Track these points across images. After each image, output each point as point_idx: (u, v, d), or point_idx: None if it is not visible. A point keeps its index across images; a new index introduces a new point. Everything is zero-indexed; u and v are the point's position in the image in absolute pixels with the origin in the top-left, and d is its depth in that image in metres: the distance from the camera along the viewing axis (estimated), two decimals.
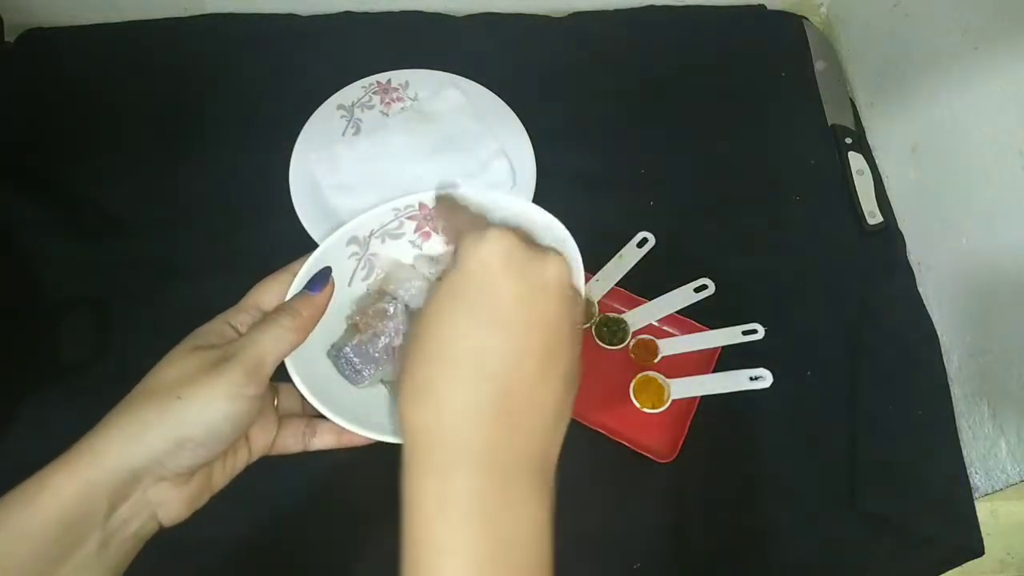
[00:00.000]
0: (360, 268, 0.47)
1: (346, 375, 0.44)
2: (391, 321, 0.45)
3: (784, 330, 0.73)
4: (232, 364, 0.35)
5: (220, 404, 0.35)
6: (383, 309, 0.45)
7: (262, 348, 0.36)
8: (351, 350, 0.44)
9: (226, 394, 0.35)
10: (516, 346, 0.33)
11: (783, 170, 0.84)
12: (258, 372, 0.36)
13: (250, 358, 0.36)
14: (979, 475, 0.69)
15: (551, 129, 0.81)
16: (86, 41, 0.85)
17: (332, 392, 0.42)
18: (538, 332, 0.34)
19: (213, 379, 0.35)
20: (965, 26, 0.70)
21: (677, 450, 0.66)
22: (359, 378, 0.44)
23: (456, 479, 0.32)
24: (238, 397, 0.35)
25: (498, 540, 0.32)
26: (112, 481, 0.34)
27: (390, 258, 0.47)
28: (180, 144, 0.79)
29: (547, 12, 0.92)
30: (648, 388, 0.70)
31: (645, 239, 0.76)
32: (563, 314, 0.35)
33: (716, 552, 0.65)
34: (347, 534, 0.62)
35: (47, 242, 0.73)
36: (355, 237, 0.46)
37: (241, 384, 0.35)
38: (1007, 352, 0.67)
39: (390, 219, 0.46)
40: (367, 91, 0.82)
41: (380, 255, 0.47)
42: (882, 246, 0.80)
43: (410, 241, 0.48)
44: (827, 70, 0.91)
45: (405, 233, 0.47)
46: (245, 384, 0.35)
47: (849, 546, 0.66)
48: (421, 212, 0.47)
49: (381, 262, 0.47)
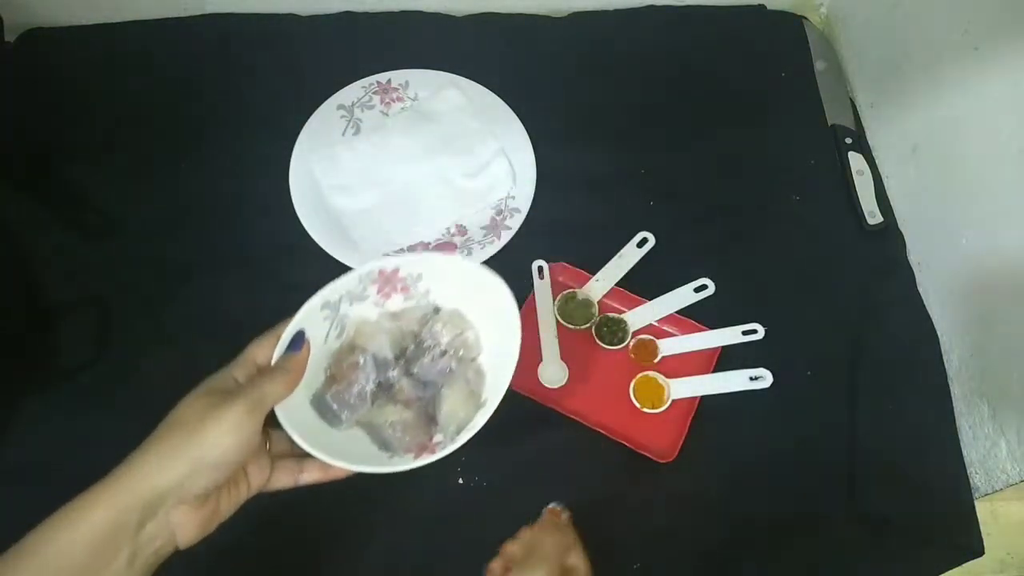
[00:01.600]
0: (333, 328, 0.54)
1: (327, 419, 0.51)
2: (362, 371, 0.52)
3: (784, 330, 0.73)
4: (238, 402, 0.43)
5: (228, 434, 0.42)
6: (355, 362, 0.52)
7: (262, 392, 0.44)
8: (330, 398, 0.51)
9: (233, 425, 0.42)
10: None
11: (783, 170, 0.84)
12: (258, 410, 0.44)
13: (252, 399, 0.43)
14: (979, 475, 0.69)
15: (551, 129, 0.81)
16: (86, 41, 0.85)
17: (317, 434, 0.49)
18: None
19: (223, 413, 0.42)
20: (965, 26, 0.70)
21: (677, 450, 0.66)
22: (338, 421, 0.51)
23: None
24: (242, 428, 0.42)
25: None
26: (143, 500, 0.40)
27: (358, 317, 0.54)
28: (180, 144, 0.79)
29: (547, 12, 0.92)
30: (648, 388, 0.70)
31: (645, 239, 0.76)
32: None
33: (716, 552, 0.65)
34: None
35: (47, 242, 0.73)
36: (327, 302, 0.53)
37: (244, 418, 0.43)
38: (1007, 352, 0.67)
39: (355, 284, 0.54)
40: (367, 91, 0.82)
41: (350, 315, 0.54)
42: (882, 246, 0.80)
43: (374, 302, 0.55)
44: (827, 70, 0.91)
45: (369, 295, 0.55)
46: (248, 418, 0.43)
47: (849, 546, 0.66)
48: (381, 277, 0.54)
49: (351, 321, 0.54)
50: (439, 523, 0.63)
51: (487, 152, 0.80)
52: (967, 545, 0.66)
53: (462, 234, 0.77)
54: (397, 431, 0.52)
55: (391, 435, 0.51)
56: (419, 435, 0.52)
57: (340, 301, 0.54)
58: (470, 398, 0.53)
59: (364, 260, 0.71)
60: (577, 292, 0.74)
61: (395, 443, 0.51)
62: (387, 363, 0.54)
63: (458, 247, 0.75)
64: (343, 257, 0.72)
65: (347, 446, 0.51)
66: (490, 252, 0.74)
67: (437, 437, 0.52)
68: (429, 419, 0.53)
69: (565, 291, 0.74)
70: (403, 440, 0.51)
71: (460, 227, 0.77)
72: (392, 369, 0.54)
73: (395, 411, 0.52)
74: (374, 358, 0.53)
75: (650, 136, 0.84)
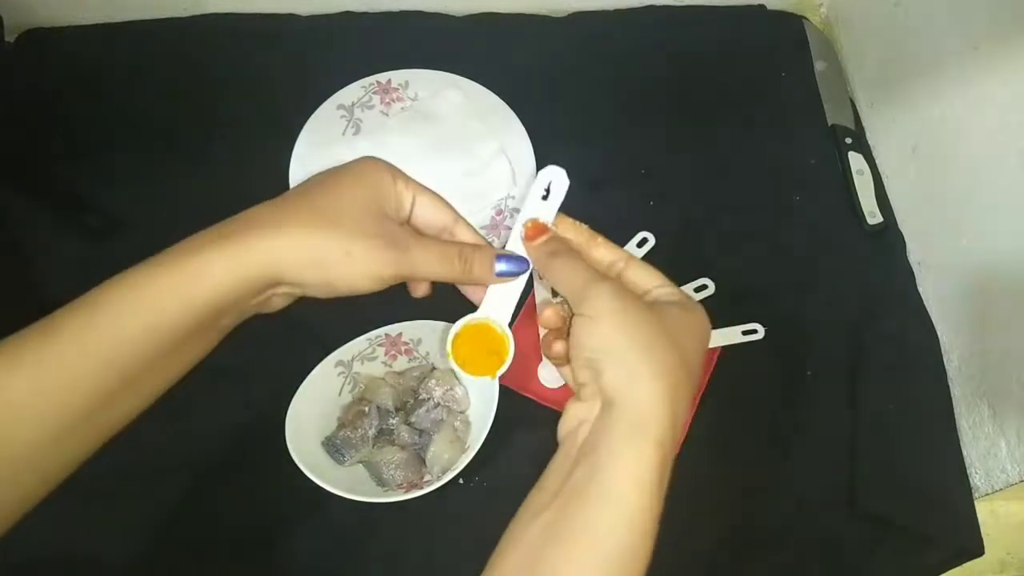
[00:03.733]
0: (346, 383, 0.65)
1: (335, 458, 0.61)
2: (367, 419, 0.62)
3: (784, 330, 0.73)
4: (394, 261, 0.40)
5: (367, 281, 0.40)
6: (362, 411, 0.63)
7: (423, 267, 0.42)
8: (339, 440, 0.61)
9: (378, 278, 0.40)
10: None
11: (783, 170, 0.84)
12: (402, 276, 0.41)
13: (407, 267, 0.41)
14: (979, 475, 0.69)
15: (551, 129, 0.81)
16: (86, 41, 0.85)
17: (324, 469, 0.59)
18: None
19: (379, 259, 0.40)
20: (966, 26, 0.70)
21: (677, 450, 0.66)
22: (343, 460, 0.61)
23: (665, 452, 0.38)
24: (377, 283, 0.40)
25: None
26: (262, 279, 0.38)
27: (368, 374, 0.66)
28: (180, 144, 0.79)
29: (547, 12, 0.92)
30: None
31: (645, 239, 0.76)
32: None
33: (716, 552, 0.65)
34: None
35: (47, 242, 0.73)
36: (341, 361, 0.64)
37: (387, 279, 0.41)
38: (1007, 352, 0.67)
39: (366, 346, 0.65)
40: (367, 91, 0.82)
41: (361, 372, 0.65)
42: (882, 246, 0.80)
43: (382, 362, 0.66)
44: (827, 70, 0.91)
45: (378, 356, 0.66)
46: (390, 280, 0.41)
47: (849, 546, 0.66)
48: (387, 340, 0.66)
49: (361, 378, 0.65)
50: (439, 523, 0.64)
51: (487, 152, 0.80)
52: (967, 545, 0.66)
53: None
54: (392, 469, 0.61)
55: (388, 473, 0.61)
56: (411, 474, 0.61)
57: (352, 360, 0.65)
58: (456, 443, 0.62)
59: None
60: None
61: (390, 480, 0.61)
62: (389, 413, 0.64)
63: None
64: None
65: (349, 480, 0.60)
66: None
67: (427, 476, 0.61)
68: (421, 461, 0.62)
69: None
70: (397, 476, 0.61)
71: None
72: (393, 418, 0.64)
73: (392, 452, 0.61)
74: (378, 408, 0.63)
75: (650, 136, 0.84)
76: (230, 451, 0.66)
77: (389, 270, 0.40)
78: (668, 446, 0.38)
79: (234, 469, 0.65)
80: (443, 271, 0.43)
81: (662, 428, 0.38)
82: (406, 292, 0.72)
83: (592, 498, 0.37)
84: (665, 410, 0.38)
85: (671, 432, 0.38)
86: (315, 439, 0.62)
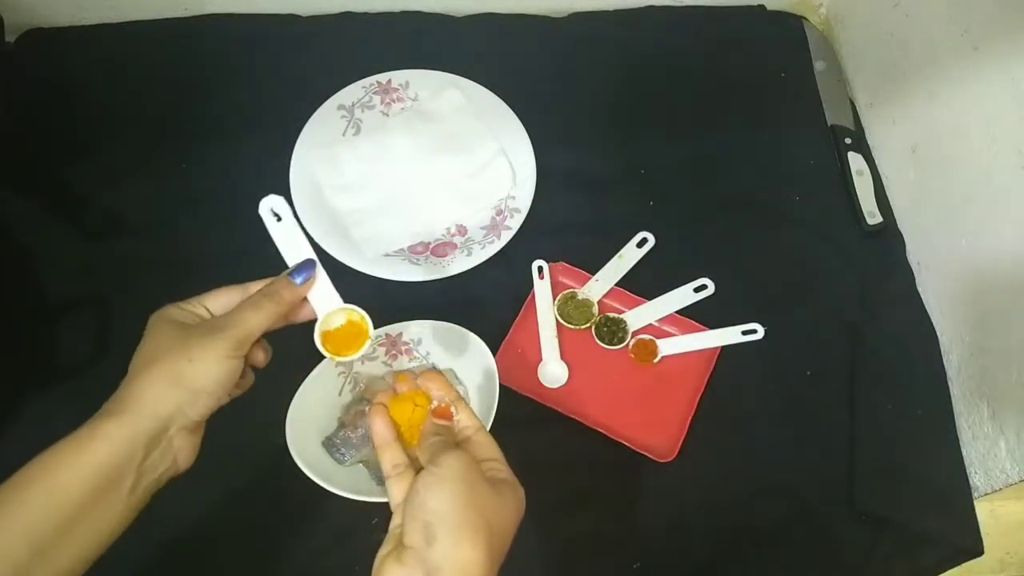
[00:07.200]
0: (348, 382, 0.65)
1: (335, 458, 0.61)
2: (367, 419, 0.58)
3: (784, 330, 0.73)
4: (226, 335, 0.45)
5: (222, 364, 0.44)
6: (361, 410, 0.62)
7: (250, 324, 0.46)
8: (339, 440, 0.61)
9: (225, 355, 0.44)
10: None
11: (783, 170, 0.84)
12: (246, 342, 0.46)
13: (240, 331, 0.45)
14: (979, 475, 0.69)
15: (551, 129, 0.81)
16: (86, 41, 0.85)
17: (325, 469, 0.59)
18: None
19: (212, 343, 0.44)
20: (965, 26, 0.70)
21: (677, 450, 0.66)
22: (343, 459, 0.61)
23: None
24: (233, 358, 0.45)
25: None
26: (148, 431, 0.42)
27: (368, 374, 0.66)
28: (180, 144, 0.79)
29: (547, 12, 0.92)
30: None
31: (645, 239, 0.76)
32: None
33: (716, 552, 0.65)
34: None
35: (47, 242, 0.73)
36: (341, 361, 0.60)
37: (234, 349, 0.45)
38: (1007, 352, 0.67)
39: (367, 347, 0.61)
40: (367, 91, 0.82)
41: (361, 372, 0.65)
42: (882, 246, 0.80)
43: (383, 361, 0.66)
44: (827, 70, 0.91)
45: (378, 356, 0.66)
46: (237, 349, 0.45)
47: (849, 546, 0.66)
48: (388, 340, 0.66)
49: (362, 377, 0.65)
50: None
51: (487, 152, 0.80)
52: (966, 545, 0.66)
53: (462, 234, 0.77)
54: None
55: None
56: None
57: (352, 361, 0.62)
58: None
59: (364, 260, 0.72)
60: (577, 292, 0.74)
61: None
62: None
63: (458, 247, 0.75)
64: (343, 257, 0.72)
65: (349, 480, 0.60)
66: (490, 252, 0.74)
67: None
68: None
69: (565, 291, 0.74)
70: None
71: (460, 227, 0.77)
72: None
73: None
74: None
75: (650, 136, 0.84)
76: (230, 451, 0.65)
77: (226, 343, 0.44)
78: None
79: (234, 469, 0.65)
80: (263, 314, 0.47)
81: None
82: (406, 292, 0.73)
83: None
84: (487, 574, 0.40)
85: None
86: (315, 439, 0.62)
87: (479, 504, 0.42)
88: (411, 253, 0.75)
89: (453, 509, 0.41)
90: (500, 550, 0.42)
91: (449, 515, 0.41)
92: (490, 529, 0.41)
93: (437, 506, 0.41)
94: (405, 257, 0.75)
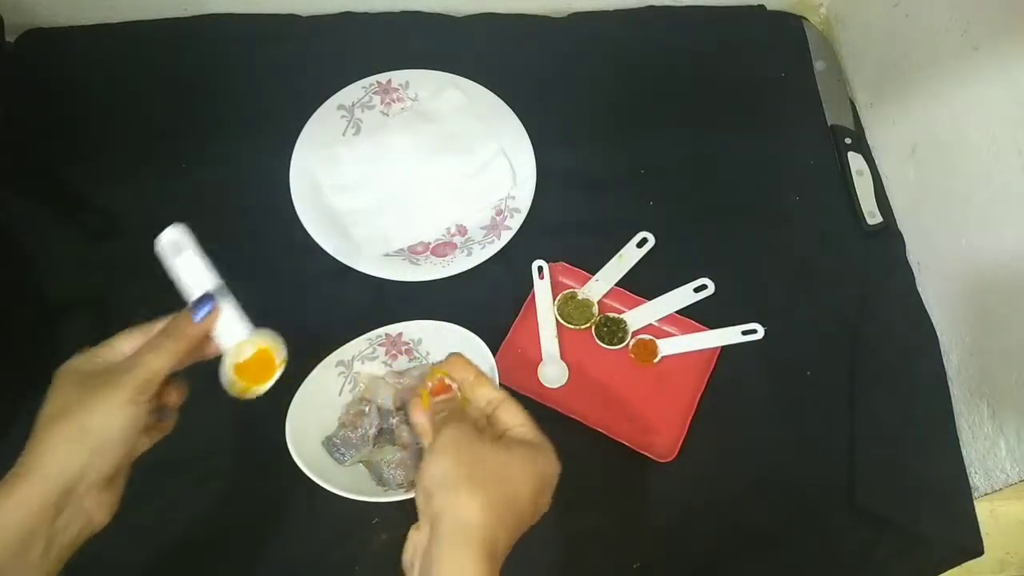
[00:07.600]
0: (347, 382, 0.65)
1: (335, 457, 0.61)
2: (367, 418, 0.62)
3: (784, 330, 0.73)
4: (127, 380, 0.43)
5: (125, 411, 0.43)
6: (361, 410, 0.63)
7: (152, 368, 0.44)
8: (339, 440, 0.61)
9: (127, 402, 0.43)
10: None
11: (783, 170, 0.84)
12: (148, 386, 0.44)
13: (140, 376, 0.44)
14: (979, 475, 0.69)
15: (551, 129, 0.81)
16: (86, 41, 0.85)
17: (326, 469, 0.59)
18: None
19: (112, 392, 0.42)
20: (965, 26, 0.70)
21: (677, 450, 0.66)
22: (343, 459, 0.61)
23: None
24: (136, 404, 0.43)
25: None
26: (54, 494, 0.40)
27: (368, 374, 0.65)
28: (180, 144, 0.79)
29: (547, 12, 0.92)
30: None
31: (645, 239, 0.76)
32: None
33: (716, 552, 0.65)
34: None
35: (47, 242, 0.73)
36: (341, 360, 0.64)
37: (136, 395, 0.43)
38: (1007, 352, 0.67)
39: (366, 347, 0.65)
40: (367, 91, 0.82)
41: (361, 372, 0.65)
42: (882, 246, 0.80)
43: (383, 361, 0.66)
44: (827, 70, 0.91)
45: (378, 356, 0.66)
46: (140, 394, 0.43)
47: (849, 546, 0.66)
48: (387, 340, 0.66)
49: (361, 377, 0.65)
50: None
51: (487, 152, 0.80)
52: (966, 545, 0.66)
53: (462, 234, 0.77)
54: (392, 469, 0.60)
55: (388, 472, 0.60)
56: (411, 474, 0.60)
57: (352, 360, 0.65)
58: None
59: (364, 260, 0.72)
60: (577, 292, 0.74)
61: (390, 479, 0.60)
62: (389, 412, 0.63)
63: (458, 247, 0.75)
64: (343, 257, 0.72)
65: (349, 480, 0.60)
66: (490, 252, 0.74)
67: None
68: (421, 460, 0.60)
69: (565, 291, 0.74)
70: (397, 476, 0.60)
71: (460, 227, 0.77)
72: (393, 417, 0.63)
73: (392, 451, 0.61)
74: (378, 408, 0.63)
75: (650, 136, 0.84)
76: (230, 450, 0.66)
77: (125, 391, 0.43)
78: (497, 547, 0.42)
79: (234, 468, 0.65)
80: (165, 355, 0.45)
81: (486, 530, 0.41)
82: (406, 292, 0.73)
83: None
84: (487, 515, 0.42)
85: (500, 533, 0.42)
86: (315, 439, 0.62)
87: (476, 458, 0.44)
88: (411, 253, 0.75)
89: (448, 469, 0.44)
90: (505, 498, 0.43)
91: (447, 475, 0.43)
92: (492, 479, 0.43)
93: (435, 471, 0.44)
94: (405, 257, 0.75)
